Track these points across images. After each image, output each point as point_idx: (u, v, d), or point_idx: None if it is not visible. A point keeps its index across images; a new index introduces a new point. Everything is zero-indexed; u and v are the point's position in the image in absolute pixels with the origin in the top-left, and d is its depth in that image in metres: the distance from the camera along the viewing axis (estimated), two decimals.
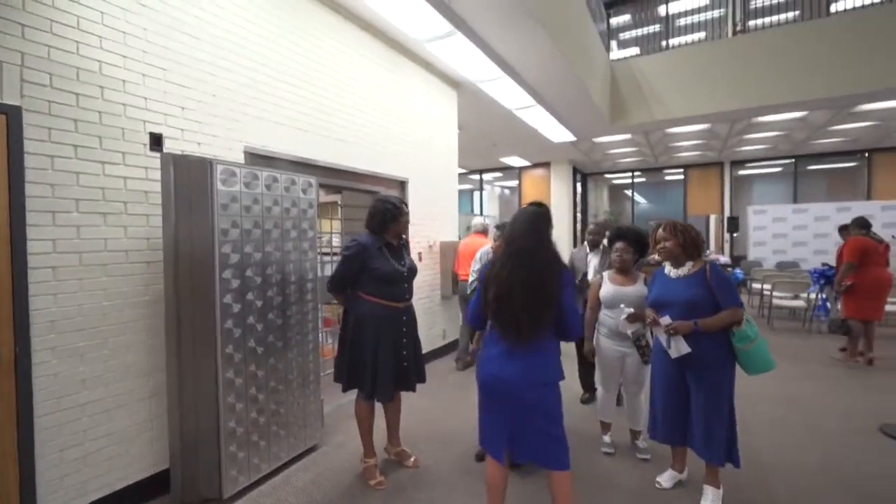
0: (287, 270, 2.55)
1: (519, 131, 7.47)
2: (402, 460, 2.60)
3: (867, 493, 2.25)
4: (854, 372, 4.19)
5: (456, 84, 5.13)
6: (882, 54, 5.47)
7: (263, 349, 2.41)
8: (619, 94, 7.13)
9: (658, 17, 9.10)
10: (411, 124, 4.39)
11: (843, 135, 8.53)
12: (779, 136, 8.74)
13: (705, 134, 8.40)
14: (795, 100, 6.11)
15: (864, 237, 4.21)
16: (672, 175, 12.33)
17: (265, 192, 2.41)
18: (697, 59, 6.70)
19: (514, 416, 1.76)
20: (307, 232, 2.70)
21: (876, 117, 7.33)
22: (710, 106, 6.58)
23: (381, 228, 2.37)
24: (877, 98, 6.07)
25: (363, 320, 2.31)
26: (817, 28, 6.11)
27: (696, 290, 2.14)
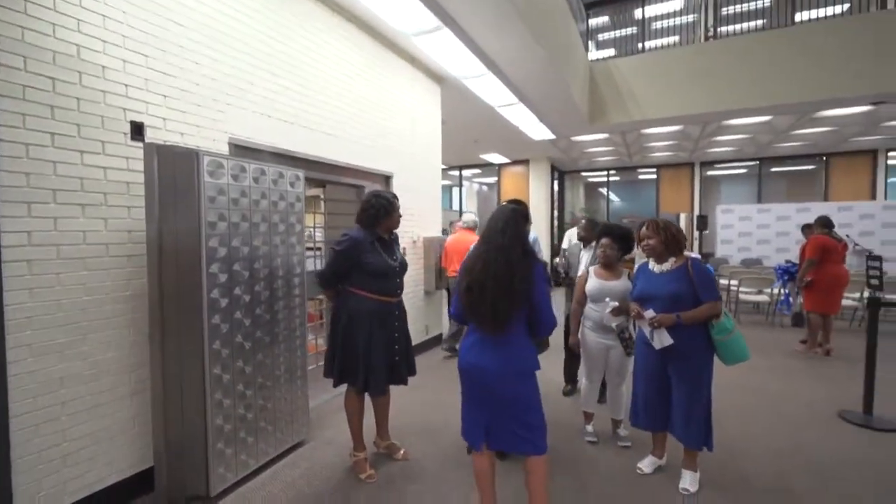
0: (275, 265, 2.52)
1: (500, 128, 7.54)
2: (391, 453, 2.61)
3: (829, 474, 2.42)
4: (813, 362, 4.46)
5: (440, 79, 5.13)
6: (840, 64, 5.80)
7: (251, 344, 2.37)
8: (598, 93, 7.29)
9: (634, 20, 9.32)
10: (396, 119, 4.37)
11: (803, 139, 9.00)
12: (745, 139, 9.13)
13: (678, 135, 8.69)
14: (762, 104, 6.41)
15: (826, 236, 4.48)
16: (645, 174, 12.70)
17: (253, 185, 2.36)
18: (672, 63, 6.92)
19: (491, 405, 1.81)
20: (295, 226, 2.66)
21: (834, 123, 7.77)
22: (684, 108, 6.81)
23: (374, 223, 2.37)
24: (834, 105, 6.43)
25: (356, 315, 2.30)
26: (782, 36, 6.41)
27: (679, 285, 2.24)
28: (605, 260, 2.65)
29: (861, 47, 5.73)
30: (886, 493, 2.24)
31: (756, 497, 2.22)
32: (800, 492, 2.27)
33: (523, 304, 1.73)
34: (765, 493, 2.26)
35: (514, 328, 1.77)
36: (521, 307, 1.73)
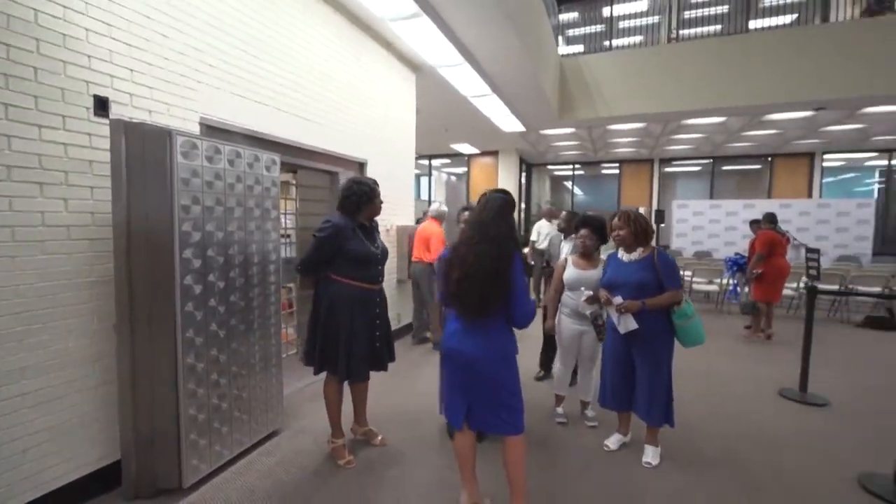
0: (250, 251, 2.45)
1: (472, 119, 7.57)
2: (369, 439, 2.63)
3: (770, 445, 2.67)
4: (757, 346, 4.85)
5: (415, 67, 5.09)
6: (787, 71, 6.22)
7: (226, 333, 2.31)
8: (568, 88, 7.45)
9: (602, 18, 9.54)
10: (371, 105, 4.31)
11: (752, 140, 9.62)
12: (701, 139, 9.65)
13: (641, 132, 9.06)
14: (719, 106, 6.78)
15: (773, 231, 4.85)
16: (608, 169, 13.17)
17: (228, 168, 2.28)
18: (638, 62, 7.17)
19: (472, 387, 1.87)
20: (270, 212, 2.59)
21: (779, 126, 8.35)
22: (648, 106, 7.09)
23: (356, 210, 2.35)
24: (782, 109, 6.91)
25: (337, 302, 2.29)
26: (737, 42, 6.79)
27: (645, 273, 2.38)
28: (583, 250, 2.75)
29: (806, 57, 6.17)
30: (819, 460, 2.50)
31: (709, 466, 2.42)
32: (744, 461, 2.49)
33: (508, 294, 1.79)
34: (716, 462, 2.46)
35: (493, 315, 1.82)
36: (503, 297, 1.78)
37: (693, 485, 2.26)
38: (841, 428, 2.90)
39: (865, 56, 5.84)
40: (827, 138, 9.10)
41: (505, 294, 1.77)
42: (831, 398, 3.33)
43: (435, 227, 4.67)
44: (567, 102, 7.49)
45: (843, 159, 10.83)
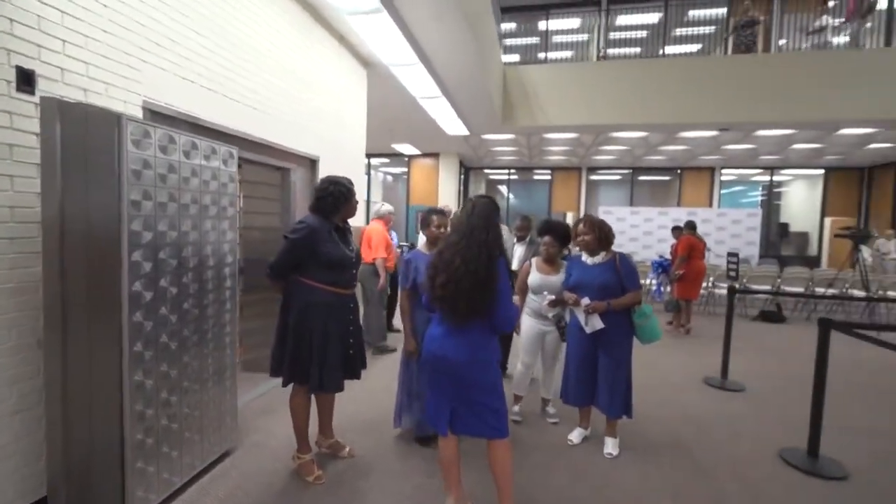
0: (205, 253, 2.21)
1: (418, 120, 7.55)
2: (336, 452, 2.50)
3: (703, 426, 2.99)
4: (679, 339, 5.41)
5: (367, 63, 4.95)
6: (697, 95, 7.02)
7: (178, 344, 2.06)
8: (510, 96, 7.72)
9: (538, 31, 10.02)
10: (323, 100, 4.11)
11: (665, 154, 10.71)
12: (624, 150, 10.54)
13: (574, 142, 9.66)
14: (642, 122, 7.46)
15: (693, 236, 5.45)
16: (540, 175, 13.86)
17: (183, 161, 2.04)
18: (575, 76, 7.64)
19: (456, 392, 1.87)
20: (227, 210, 2.36)
21: (689, 143, 9.39)
22: (583, 118, 7.57)
23: (333, 211, 2.22)
24: (693, 128, 7.78)
25: (310, 309, 2.14)
26: (655, 66, 7.54)
27: (608, 276, 2.54)
28: (546, 256, 2.86)
29: (711, 83, 7.01)
30: (745, 439, 2.85)
31: (660, 452, 2.65)
32: (686, 444, 2.77)
33: (494, 297, 1.80)
34: (665, 447, 2.70)
35: (478, 319, 1.83)
36: (490, 300, 1.79)
37: (651, 471, 2.46)
38: (757, 410, 3.34)
39: (752, 85, 6.80)
40: (725, 155, 10.42)
41: (492, 297, 1.79)
42: (745, 384, 3.81)
43: (377, 227, 4.58)
44: (509, 109, 7.76)
45: (735, 174, 12.47)
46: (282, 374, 2.20)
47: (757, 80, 6.88)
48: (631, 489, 2.29)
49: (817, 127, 7.42)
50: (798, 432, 2.75)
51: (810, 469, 2.49)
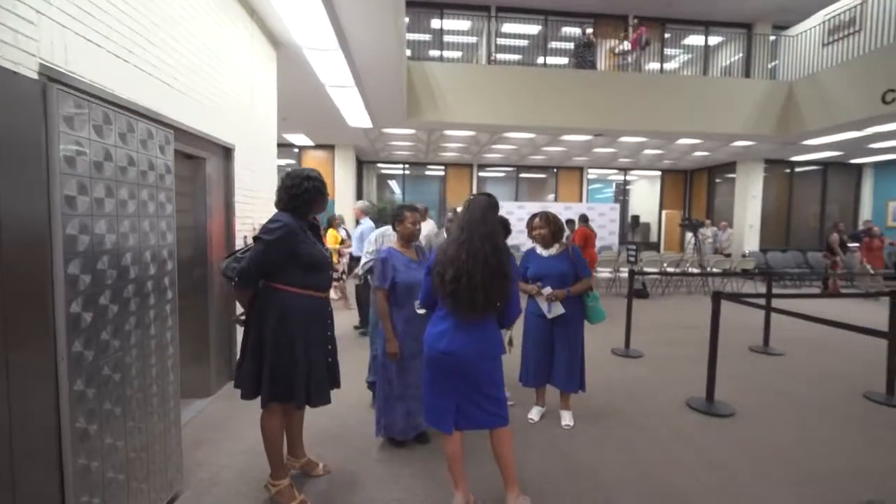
0: (145, 260, 1.81)
1: (320, 109, 7.08)
2: (309, 472, 2.28)
3: (622, 388, 3.51)
4: None
5: (277, 44, 4.48)
6: (575, 103, 8.01)
7: (121, 376, 1.66)
8: (414, 91, 7.74)
9: (431, 29, 10.20)
10: (237, 82, 3.62)
11: (546, 154, 11.92)
12: (512, 149, 11.42)
13: (470, 139, 10.12)
14: (533, 124, 8.20)
15: (587, 228, 6.22)
16: (432, 171, 14.19)
17: (119, 146, 1.63)
18: (475, 76, 8.02)
19: (462, 389, 1.90)
20: (165, 207, 1.96)
21: (566, 145, 10.61)
22: (483, 117, 8.00)
23: (308, 208, 2.00)
24: (573, 132, 8.83)
25: (290, 317, 1.90)
26: (531, 73, 8.37)
27: (564, 266, 2.79)
28: None
29: (585, 93, 8.06)
30: (657, 396, 3.41)
31: (602, 416, 3.02)
32: (617, 404, 3.22)
33: (508, 287, 1.86)
34: (604, 411, 3.09)
35: (489, 312, 1.88)
36: (507, 289, 1.86)
37: (601, 433, 2.80)
38: (657, 372, 4.01)
39: (618, 98, 8.06)
40: (593, 157, 12.04)
41: (508, 287, 1.84)
42: (641, 352, 4.54)
43: None
44: (414, 104, 7.79)
45: (597, 174, 14.51)
46: (259, 394, 1.92)
47: (621, 94, 8.13)
48: (591, 451, 2.58)
49: (663, 136, 9.08)
50: (691, 385, 3.41)
51: (709, 411, 3.12)
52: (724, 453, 2.58)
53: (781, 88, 8.45)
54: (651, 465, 2.45)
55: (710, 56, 10.58)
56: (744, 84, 8.86)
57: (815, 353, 4.62)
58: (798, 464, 2.48)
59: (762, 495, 2.18)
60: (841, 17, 8.36)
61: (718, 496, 2.17)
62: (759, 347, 4.70)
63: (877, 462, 2.52)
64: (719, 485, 2.27)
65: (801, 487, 2.25)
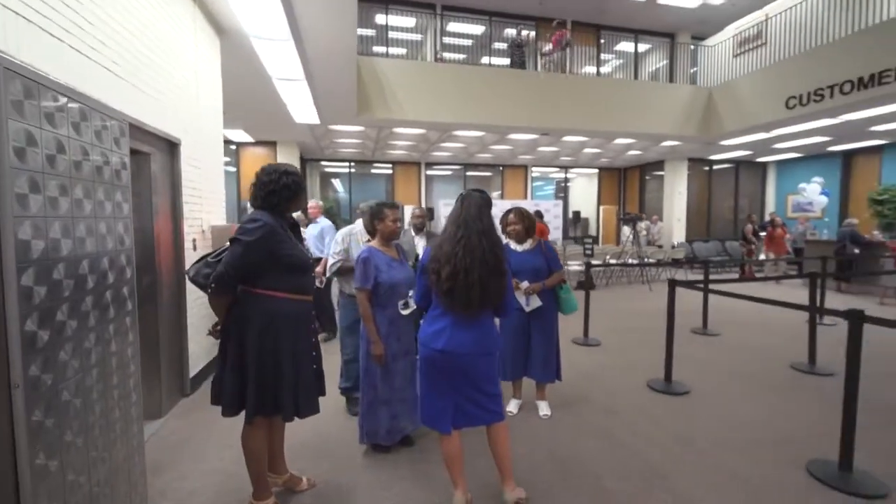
0: (102, 268, 1.59)
1: (264, 103, 6.68)
2: (293, 487, 2.14)
3: (586, 374, 3.68)
4: None
5: (221, 30, 4.15)
6: (520, 103, 8.25)
7: (82, 401, 1.44)
8: (364, 87, 7.55)
9: (375, 24, 9.99)
10: (182, 69, 3.30)
11: (493, 153, 12.18)
12: (460, 148, 11.52)
13: (420, 137, 10.06)
14: (483, 122, 8.34)
15: (542, 223, 6.44)
16: (379, 168, 13.96)
17: (73, 137, 1.42)
18: (426, 74, 7.99)
19: (459, 386, 1.90)
20: (122, 207, 1.74)
21: (512, 144, 10.91)
22: (434, 115, 7.99)
23: (288, 205, 1.86)
24: (520, 131, 9.10)
25: (275, 324, 1.77)
26: (482, 72, 8.54)
27: (538, 260, 2.86)
28: None
29: (531, 93, 8.35)
30: (619, 381, 3.62)
31: (574, 402, 3.14)
32: (585, 389, 3.37)
33: (505, 282, 1.87)
34: (576, 398, 3.22)
35: (487, 309, 1.88)
36: (503, 285, 1.86)
37: (576, 420, 2.91)
38: (616, 358, 4.25)
39: (562, 98, 8.45)
40: (537, 155, 12.49)
41: (505, 282, 1.85)
42: (599, 340, 4.78)
43: None
44: (364, 100, 7.59)
45: (540, 172, 15.08)
46: (244, 408, 1.77)
47: (564, 95, 8.51)
48: (571, 438, 2.67)
49: (602, 136, 9.63)
50: (647, 368, 3.66)
51: (668, 390, 3.36)
52: (687, 428, 2.79)
53: (703, 93, 9.30)
54: (627, 445, 2.59)
55: (639, 62, 11.39)
56: (671, 89, 9.64)
57: (744, 332, 5.14)
58: (748, 431, 2.75)
59: (727, 463, 2.38)
60: (749, 31, 9.36)
61: (692, 467, 2.34)
62: (700, 329, 5.14)
63: (808, 424, 2.85)
64: (689, 457, 2.45)
65: (756, 452, 2.49)
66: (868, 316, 2.18)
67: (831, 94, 6.90)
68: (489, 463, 2.26)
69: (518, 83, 8.41)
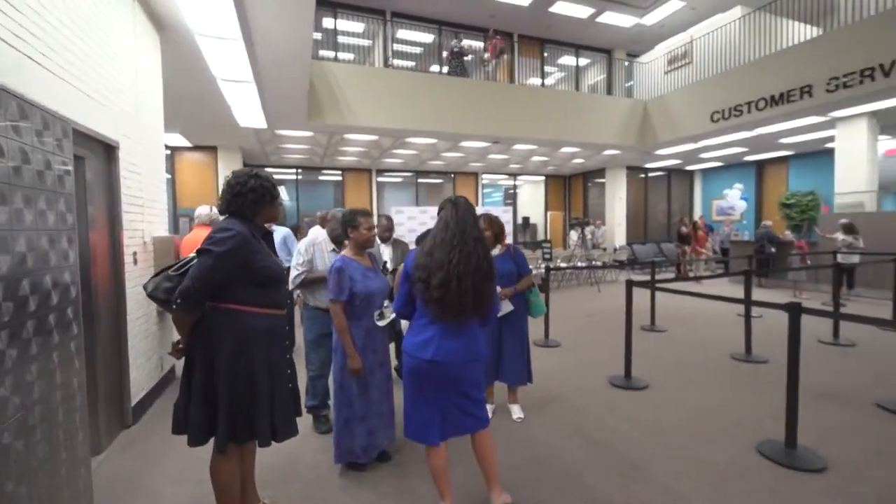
0: (45, 287, 1.39)
1: (205, 105, 6.26)
2: None
3: (550, 375, 3.77)
4: None
5: (161, 27, 3.84)
6: (471, 111, 8.42)
7: (24, 443, 1.25)
8: (315, 91, 7.32)
9: (322, 27, 9.76)
10: (120, 66, 3.01)
11: (445, 160, 12.28)
12: (413, 154, 11.50)
13: (372, 144, 9.91)
14: (438, 130, 8.40)
15: None
16: (328, 176, 13.58)
17: (12, 138, 1.23)
18: (379, 80, 7.91)
19: (447, 396, 1.87)
20: (65, 217, 1.54)
21: (464, 151, 11.06)
22: (388, 122, 7.92)
23: (255, 212, 1.73)
24: (472, 139, 9.26)
25: (250, 342, 1.63)
26: (435, 80, 8.63)
27: (508, 265, 2.90)
28: None
29: (481, 102, 8.54)
30: (581, 378, 3.75)
31: (542, 404, 3.21)
32: (553, 389, 3.45)
33: (494, 290, 1.87)
34: (545, 399, 3.29)
35: (477, 315, 1.87)
36: (494, 292, 1.86)
37: (548, 421, 2.97)
38: (577, 357, 4.40)
39: (513, 108, 8.73)
40: (487, 163, 12.76)
41: (493, 290, 1.85)
42: (559, 341, 4.94)
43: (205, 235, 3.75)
44: (316, 105, 7.37)
45: (489, 179, 15.42)
46: (212, 436, 1.61)
47: (515, 105, 8.79)
48: (547, 439, 2.72)
49: (549, 145, 10.04)
50: (607, 365, 3.83)
51: (629, 386, 3.53)
52: (651, 420, 2.94)
53: (639, 106, 10.00)
54: (600, 441, 2.68)
55: (580, 75, 12.04)
56: (612, 101, 10.28)
57: (687, 327, 5.54)
58: (704, 419, 2.94)
59: (691, 451, 2.53)
60: (677, 51, 10.22)
61: (661, 457, 2.46)
62: (648, 326, 5.47)
63: (752, 408, 3.11)
64: (657, 448, 2.57)
65: (713, 438, 2.67)
66: (806, 308, 2.42)
67: (748, 109, 7.69)
68: (467, 470, 2.25)
69: (470, 92, 8.57)
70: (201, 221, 3.87)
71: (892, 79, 5.87)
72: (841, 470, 2.29)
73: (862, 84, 6.16)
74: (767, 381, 3.60)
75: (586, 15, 10.22)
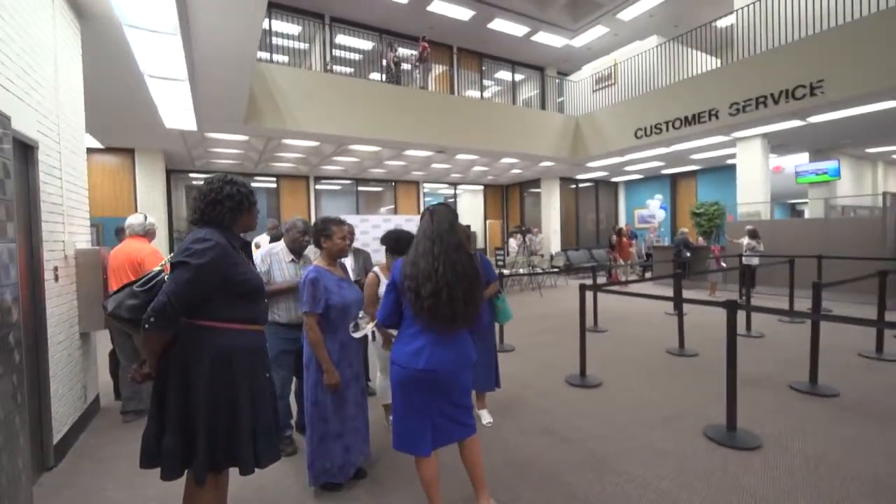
0: None
1: (126, 103, 5.68)
2: None
3: (512, 378, 3.89)
4: None
5: (82, 13, 3.44)
6: (419, 119, 8.50)
7: None
8: (252, 93, 6.93)
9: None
10: (37, 55, 2.65)
11: (386, 168, 12.17)
12: (353, 162, 11.27)
13: (312, 150, 9.56)
14: (382, 138, 8.33)
15: None
16: (261, 183, 12.86)
17: None
18: (321, 84, 7.68)
19: (438, 405, 1.87)
20: (5, 227, 1.32)
21: (407, 160, 11.07)
22: (330, 127, 7.71)
23: (229, 217, 1.60)
24: (417, 147, 9.31)
25: (234, 361, 1.49)
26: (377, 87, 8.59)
27: None
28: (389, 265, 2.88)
29: (422, 111, 8.66)
30: (537, 379, 3.90)
31: (509, 406, 3.29)
32: (515, 391, 3.56)
33: (482, 295, 1.89)
34: (508, 402, 3.38)
35: (469, 322, 1.88)
36: (482, 298, 1.89)
37: (518, 423, 3.05)
38: (532, 360, 4.57)
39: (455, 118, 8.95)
40: (429, 172, 12.86)
41: (482, 296, 1.88)
42: (513, 346, 5.09)
43: (146, 247, 3.41)
44: (253, 108, 6.97)
45: (430, 188, 15.56)
46: (188, 467, 1.44)
47: (454, 115, 9.00)
48: (519, 442, 2.79)
49: (490, 155, 10.39)
50: (560, 366, 4.03)
51: (584, 384, 3.74)
52: (610, 415, 3.14)
53: (572, 121, 10.71)
54: (569, 439, 2.80)
55: (516, 89, 12.64)
56: (546, 116, 10.89)
57: (624, 326, 5.99)
58: (654, 410, 3.20)
59: (649, 441, 2.73)
60: (602, 72, 11.12)
61: (625, 449, 2.63)
62: (591, 327, 5.82)
63: (693, 397, 3.44)
64: (620, 441, 2.75)
65: (666, 427, 2.92)
66: (740, 304, 2.74)
67: (667, 127, 8.57)
68: (450, 479, 2.24)
69: (413, 101, 8.63)
70: (134, 232, 3.47)
71: (780, 106, 6.90)
72: (774, 446, 2.61)
73: (757, 109, 7.15)
74: (700, 372, 4.00)
75: (522, 33, 10.80)
